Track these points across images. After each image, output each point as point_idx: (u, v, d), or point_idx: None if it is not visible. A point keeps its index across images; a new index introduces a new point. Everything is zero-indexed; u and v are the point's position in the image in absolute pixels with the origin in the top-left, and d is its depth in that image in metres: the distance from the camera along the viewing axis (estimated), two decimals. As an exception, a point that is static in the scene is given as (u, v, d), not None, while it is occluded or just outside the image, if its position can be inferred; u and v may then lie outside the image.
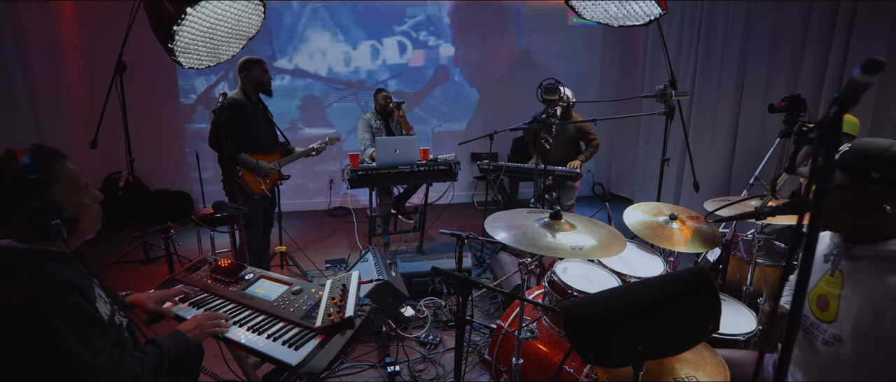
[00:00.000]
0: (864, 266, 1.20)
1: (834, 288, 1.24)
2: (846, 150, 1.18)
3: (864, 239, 1.20)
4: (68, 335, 1.03)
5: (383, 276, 2.34)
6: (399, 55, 5.59)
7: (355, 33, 5.40)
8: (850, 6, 3.22)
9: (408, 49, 5.60)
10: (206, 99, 5.01)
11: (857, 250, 1.21)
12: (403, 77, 5.64)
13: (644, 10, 2.65)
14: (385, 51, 5.53)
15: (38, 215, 1.07)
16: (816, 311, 1.28)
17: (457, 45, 5.69)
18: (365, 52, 5.47)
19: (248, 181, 3.09)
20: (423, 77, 5.72)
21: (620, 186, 6.23)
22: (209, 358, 1.82)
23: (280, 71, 5.24)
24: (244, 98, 3.07)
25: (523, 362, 1.78)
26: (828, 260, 1.28)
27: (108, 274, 3.56)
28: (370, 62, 5.53)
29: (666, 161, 2.91)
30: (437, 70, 5.74)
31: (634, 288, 1.48)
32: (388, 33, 5.50)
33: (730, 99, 4.21)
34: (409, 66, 5.64)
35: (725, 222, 1.83)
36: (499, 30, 5.75)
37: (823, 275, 1.28)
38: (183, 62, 2.39)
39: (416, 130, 4.12)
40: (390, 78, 5.61)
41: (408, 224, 4.39)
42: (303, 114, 5.46)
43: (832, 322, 1.23)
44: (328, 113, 5.54)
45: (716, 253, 2.48)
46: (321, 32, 5.29)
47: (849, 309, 1.19)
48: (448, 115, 5.90)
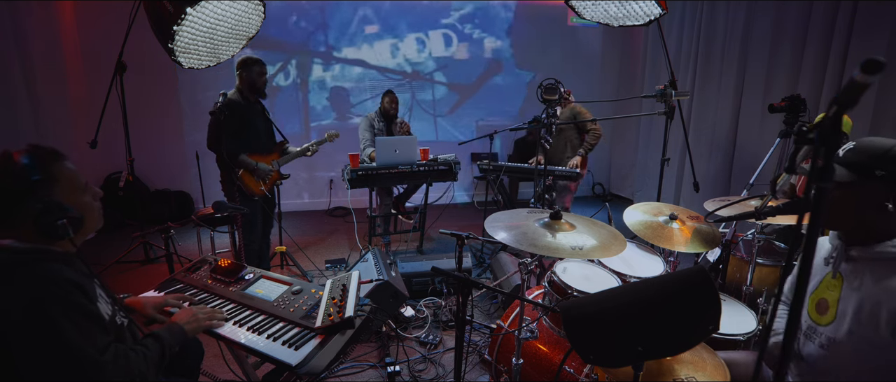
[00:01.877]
0: (863, 267, 1.20)
1: (834, 291, 1.24)
2: (850, 148, 1.18)
3: (864, 239, 1.20)
4: (73, 333, 1.03)
5: (383, 276, 2.34)
6: (444, 48, 5.74)
7: (401, 26, 5.53)
8: (850, 6, 3.22)
9: (453, 42, 5.73)
10: (207, 100, 5.03)
11: (855, 251, 1.21)
12: (449, 69, 5.78)
13: (644, 10, 2.65)
14: (431, 43, 5.68)
15: (43, 215, 1.08)
16: (815, 315, 1.28)
17: (505, 39, 5.83)
18: (411, 45, 5.62)
19: (248, 182, 3.07)
20: (471, 70, 5.86)
21: (620, 186, 6.23)
22: (209, 359, 1.82)
23: (340, 61, 5.44)
24: (242, 98, 3.04)
25: (523, 362, 1.78)
26: (828, 264, 1.28)
27: (108, 274, 3.55)
28: (416, 54, 5.68)
29: (666, 161, 2.90)
30: (485, 62, 5.88)
31: (634, 288, 1.48)
32: (434, 26, 5.64)
33: (730, 99, 4.21)
34: (454, 59, 5.76)
35: (725, 222, 1.83)
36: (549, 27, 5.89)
37: (824, 278, 1.28)
38: (183, 62, 2.39)
39: (462, 122, 4.11)
40: (436, 70, 5.75)
41: (408, 224, 4.39)
42: (348, 104, 5.61)
43: (829, 324, 1.23)
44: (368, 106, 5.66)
45: (716, 253, 2.47)
46: (370, 26, 5.46)
47: (846, 310, 1.20)
48: (494, 109, 6.01)
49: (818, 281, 1.30)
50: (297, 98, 5.47)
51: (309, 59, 5.39)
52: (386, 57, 5.58)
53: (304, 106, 5.51)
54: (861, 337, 1.16)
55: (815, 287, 1.31)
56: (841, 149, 1.19)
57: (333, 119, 5.61)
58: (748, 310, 2.02)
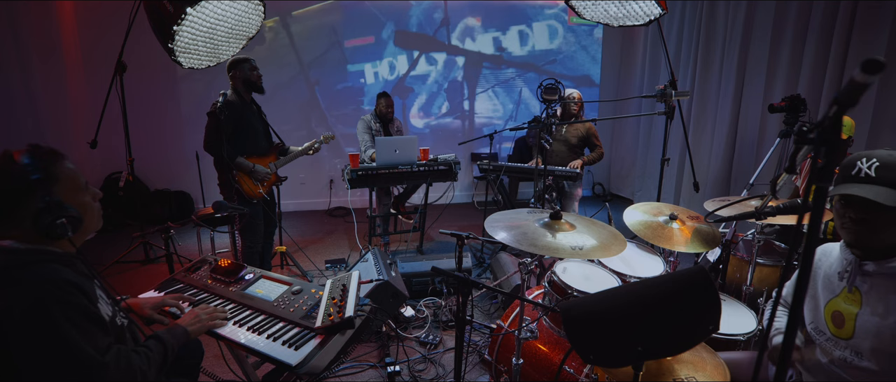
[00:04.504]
0: (881, 283, 1.19)
1: (852, 306, 1.23)
2: (880, 166, 1.13)
3: (881, 256, 1.19)
4: (75, 335, 1.03)
5: (383, 276, 2.34)
6: (549, 41, 5.83)
7: (502, 18, 5.66)
8: (850, 6, 3.22)
9: (558, 33, 5.81)
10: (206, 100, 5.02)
11: (870, 267, 1.20)
12: (559, 62, 5.86)
13: (644, 10, 2.65)
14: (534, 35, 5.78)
15: (42, 215, 1.07)
16: (832, 328, 1.27)
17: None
18: (513, 38, 5.75)
19: (245, 185, 3.04)
20: (578, 61, 5.94)
21: (620, 186, 6.23)
22: (209, 359, 1.82)
23: (452, 50, 5.63)
24: (239, 98, 3.01)
25: (523, 362, 1.78)
26: (843, 279, 1.27)
27: (108, 274, 3.55)
28: (519, 47, 5.79)
29: (666, 161, 2.91)
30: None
31: (634, 288, 1.48)
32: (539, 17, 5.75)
33: (730, 99, 4.21)
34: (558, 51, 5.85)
35: (725, 222, 1.83)
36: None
37: (841, 293, 1.27)
38: (183, 62, 2.39)
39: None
40: (547, 64, 5.84)
41: (408, 224, 4.39)
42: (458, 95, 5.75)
43: (849, 338, 1.22)
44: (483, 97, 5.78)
45: (716, 253, 2.48)
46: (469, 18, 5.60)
47: (867, 327, 1.19)
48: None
49: (832, 294, 1.29)
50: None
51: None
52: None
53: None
54: (884, 354, 1.16)
55: (830, 299, 1.29)
56: (866, 166, 1.15)
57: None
58: (748, 310, 2.02)
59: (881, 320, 1.17)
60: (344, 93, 5.52)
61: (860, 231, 1.18)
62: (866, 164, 1.15)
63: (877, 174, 1.13)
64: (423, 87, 5.67)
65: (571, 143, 3.81)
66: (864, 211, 1.14)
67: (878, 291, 1.19)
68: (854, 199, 1.15)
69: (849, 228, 1.20)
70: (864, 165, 1.15)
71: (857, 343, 1.20)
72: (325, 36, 5.28)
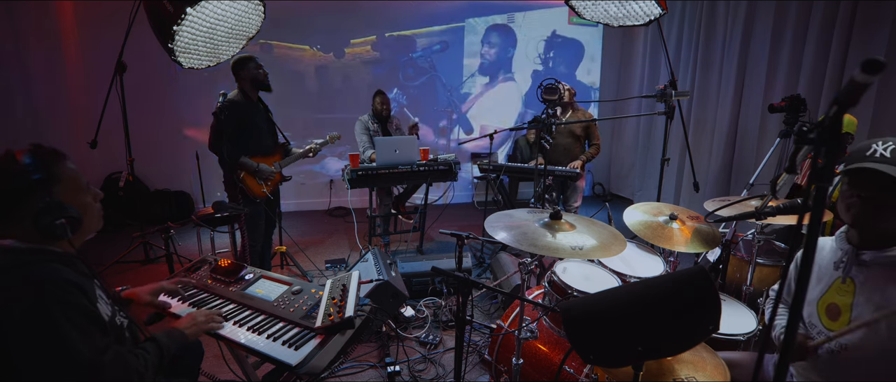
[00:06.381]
0: (877, 273, 1.19)
1: (845, 297, 1.23)
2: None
3: (879, 244, 1.19)
4: (74, 335, 1.03)
5: (383, 276, 2.34)
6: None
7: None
8: (850, 6, 3.22)
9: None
10: (208, 99, 5.03)
11: (867, 256, 1.20)
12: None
13: (644, 10, 2.65)
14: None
15: (42, 215, 1.08)
16: (826, 321, 1.27)
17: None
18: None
19: (250, 184, 3.05)
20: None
21: (620, 186, 6.23)
22: (209, 359, 1.82)
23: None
24: (243, 98, 3.02)
25: (523, 362, 1.78)
26: (838, 268, 1.26)
27: (108, 274, 3.55)
28: None
29: (666, 161, 2.90)
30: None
31: (634, 288, 1.48)
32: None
33: (730, 99, 4.21)
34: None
35: (725, 222, 1.83)
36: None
37: (834, 283, 1.26)
38: (183, 62, 2.39)
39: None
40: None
41: (408, 224, 4.39)
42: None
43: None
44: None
45: (716, 253, 2.48)
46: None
47: (862, 317, 1.18)
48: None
49: (826, 286, 1.28)
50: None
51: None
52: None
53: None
54: (879, 346, 1.15)
55: (824, 291, 1.29)
56: (881, 147, 1.15)
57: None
58: (748, 310, 2.02)
59: (876, 310, 1.17)
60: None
61: (866, 210, 1.17)
62: (882, 146, 1.16)
63: (892, 156, 1.13)
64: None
65: (576, 134, 3.83)
66: (875, 189, 1.14)
67: (874, 281, 1.19)
68: (866, 175, 1.14)
69: (855, 207, 1.19)
70: (879, 147, 1.16)
71: (853, 334, 1.20)
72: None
